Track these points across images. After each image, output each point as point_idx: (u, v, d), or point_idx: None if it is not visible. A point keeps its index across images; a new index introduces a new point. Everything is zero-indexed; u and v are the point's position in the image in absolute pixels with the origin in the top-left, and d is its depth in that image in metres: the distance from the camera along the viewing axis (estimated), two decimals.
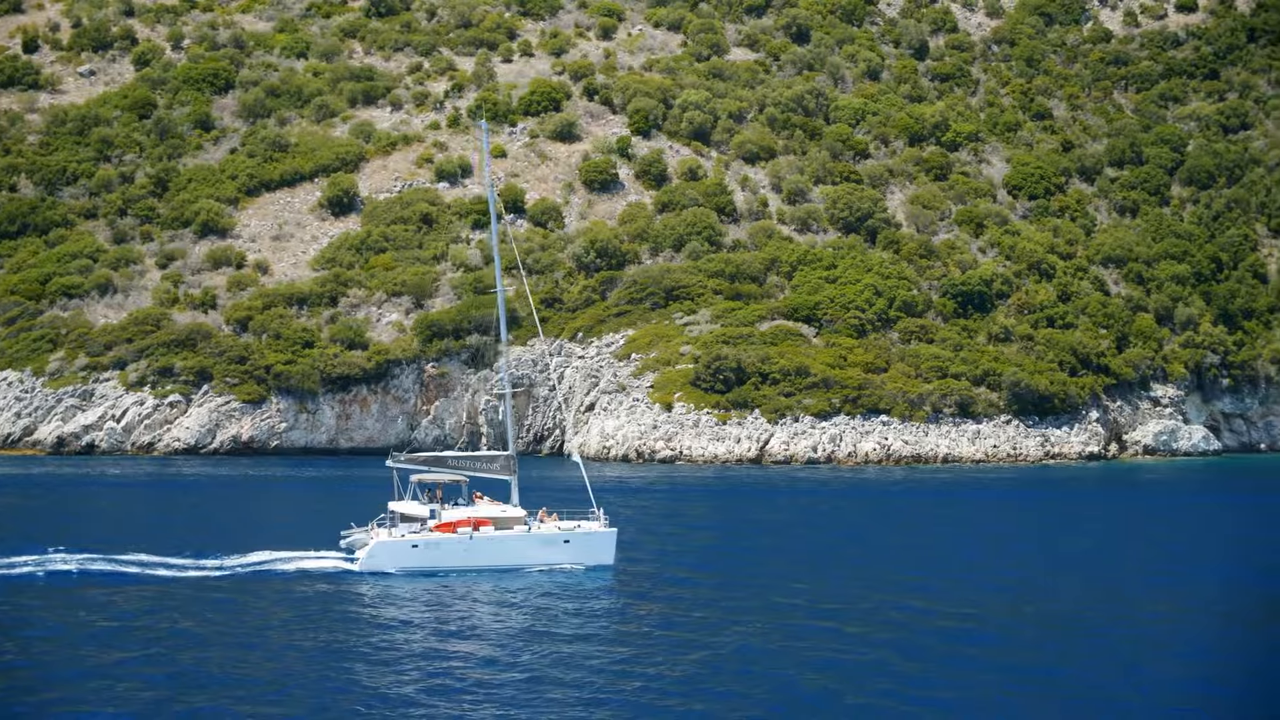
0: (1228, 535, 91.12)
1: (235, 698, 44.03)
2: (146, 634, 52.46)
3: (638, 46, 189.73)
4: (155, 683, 45.42)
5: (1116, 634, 54.69)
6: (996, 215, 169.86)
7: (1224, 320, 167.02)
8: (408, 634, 53.55)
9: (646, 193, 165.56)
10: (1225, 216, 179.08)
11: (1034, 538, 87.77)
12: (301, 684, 45.64)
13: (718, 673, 47.50)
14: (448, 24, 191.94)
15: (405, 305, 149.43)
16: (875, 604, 60.35)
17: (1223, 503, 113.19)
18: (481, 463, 70.88)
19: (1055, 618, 58.43)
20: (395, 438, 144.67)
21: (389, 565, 66.52)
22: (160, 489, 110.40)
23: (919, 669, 48.27)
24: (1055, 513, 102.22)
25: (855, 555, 76.67)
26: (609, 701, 44.01)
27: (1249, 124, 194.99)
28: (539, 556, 67.92)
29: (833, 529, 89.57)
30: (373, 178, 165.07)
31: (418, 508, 68.55)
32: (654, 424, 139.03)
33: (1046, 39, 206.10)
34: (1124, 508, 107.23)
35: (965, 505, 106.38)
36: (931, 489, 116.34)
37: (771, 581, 65.60)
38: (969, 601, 61.18)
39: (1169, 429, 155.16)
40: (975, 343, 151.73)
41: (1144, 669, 49.04)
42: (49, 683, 45.70)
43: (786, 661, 49.16)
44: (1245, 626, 58.56)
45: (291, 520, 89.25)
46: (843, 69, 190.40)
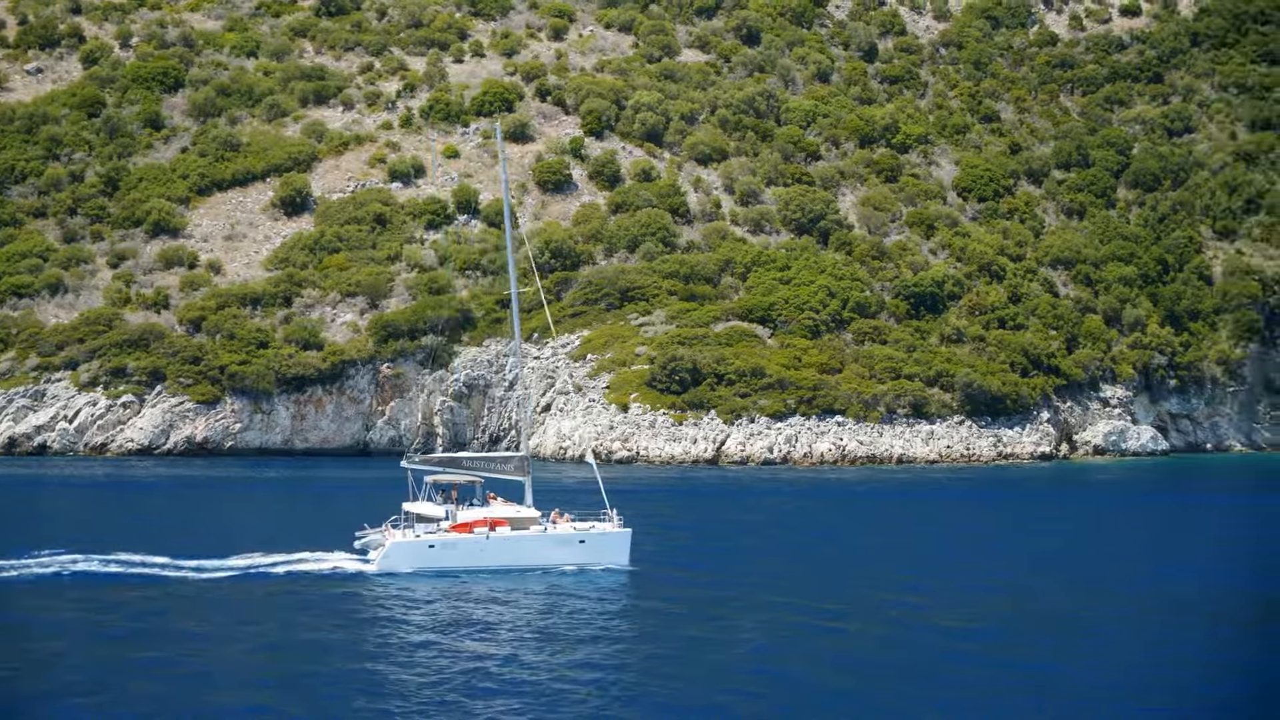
0: (1201, 535, 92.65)
1: (254, 698, 44.27)
2: (159, 636, 52.65)
3: (589, 47, 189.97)
4: (172, 685, 45.57)
5: (1118, 633, 55.86)
6: (947, 217, 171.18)
7: (1171, 321, 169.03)
8: (426, 634, 53.80)
9: (600, 193, 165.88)
10: (1170, 219, 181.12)
11: (1009, 537, 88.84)
12: (321, 684, 46.00)
13: (737, 673, 48.18)
14: (398, 24, 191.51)
15: (360, 306, 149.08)
16: (877, 603, 61.31)
17: (1185, 503, 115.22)
18: (496, 464, 71.26)
19: (1055, 616, 59.56)
20: (351, 439, 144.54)
21: (405, 566, 66.76)
22: (151, 491, 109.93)
23: (932, 668, 49.30)
24: (1026, 512, 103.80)
25: (844, 555, 77.90)
26: (635, 702, 44.54)
27: (1192, 127, 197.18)
28: (554, 557, 68.29)
29: (814, 529, 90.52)
30: (325, 178, 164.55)
31: (432, 508, 68.74)
32: (610, 425, 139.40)
33: (994, 42, 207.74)
34: (1089, 507, 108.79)
35: (934, 505, 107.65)
36: (898, 489, 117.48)
37: (776, 582, 66.45)
38: (967, 601, 62.33)
39: (1118, 429, 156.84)
40: (928, 344, 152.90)
41: (1146, 667, 49.99)
42: (92, 684, 45.87)
43: (803, 661, 50.01)
44: (1235, 625, 59.53)
45: (290, 522, 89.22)
46: (793, 71, 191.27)
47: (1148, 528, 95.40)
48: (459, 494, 70.01)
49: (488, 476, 70.82)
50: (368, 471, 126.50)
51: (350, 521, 70.91)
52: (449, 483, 70.14)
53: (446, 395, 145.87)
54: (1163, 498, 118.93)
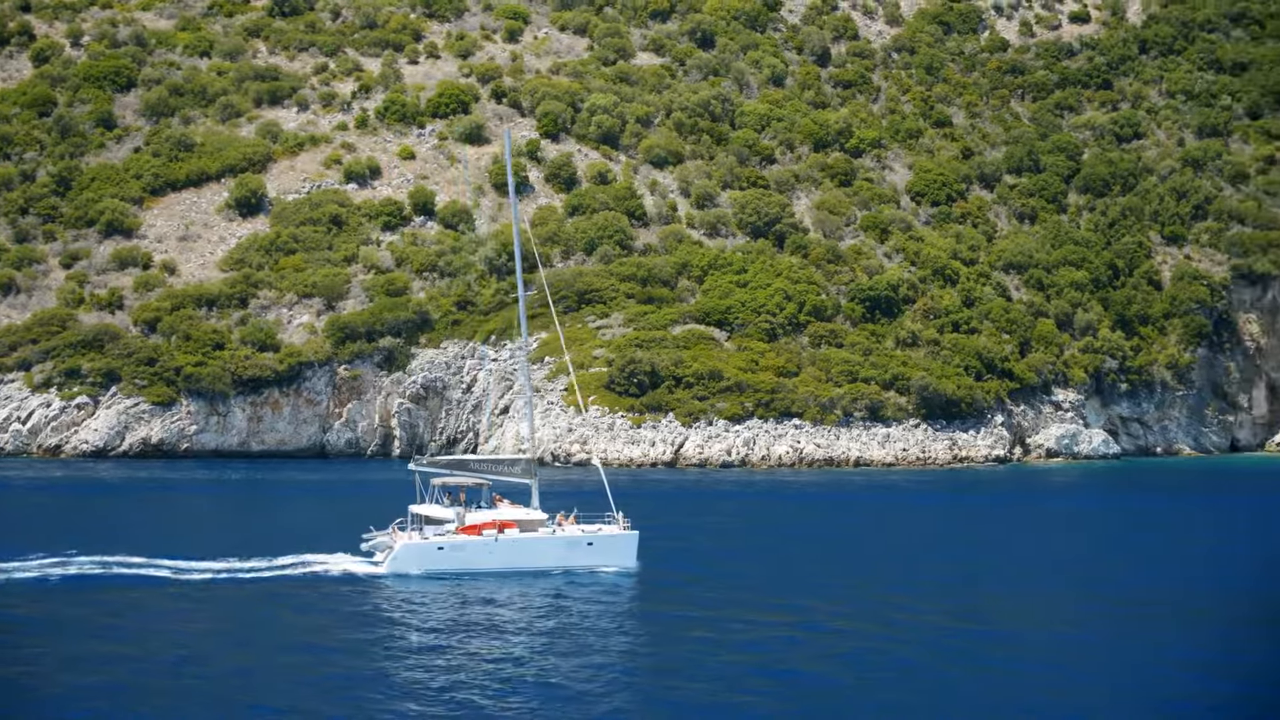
0: (1199, 536, 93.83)
1: (271, 699, 44.61)
2: (176, 637, 52.85)
3: (544, 50, 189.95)
4: (188, 687, 45.82)
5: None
6: (901, 221, 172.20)
7: (1121, 326, 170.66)
8: (441, 636, 54.12)
9: (556, 196, 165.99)
10: (1120, 224, 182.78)
11: (1001, 540, 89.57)
12: (342, 685, 46.34)
13: (748, 673, 48.74)
14: (352, 24, 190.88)
15: (316, 307, 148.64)
16: (897, 605, 62.18)
17: (1170, 505, 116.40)
18: (503, 466, 71.60)
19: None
20: (307, 440, 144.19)
21: (415, 568, 67.10)
22: (128, 493, 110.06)
23: (948, 667, 50.37)
24: (1015, 516, 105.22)
25: (844, 557, 78.77)
26: (655, 701, 45.05)
27: (1141, 133, 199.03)
28: (563, 559, 68.73)
29: (798, 530, 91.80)
30: (280, 178, 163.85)
31: (440, 510, 68.96)
32: (569, 427, 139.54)
33: (945, 47, 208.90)
34: (1075, 510, 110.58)
35: (917, 509, 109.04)
36: (870, 491, 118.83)
37: (780, 582, 67.29)
38: (958, 600, 62.98)
39: (1071, 432, 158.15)
40: (884, 347, 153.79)
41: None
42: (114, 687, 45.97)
43: (816, 661, 50.67)
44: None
45: (288, 523, 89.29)
46: (747, 75, 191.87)
47: (1155, 530, 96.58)
48: (466, 496, 70.25)
49: (494, 479, 71.14)
50: (330, 474, 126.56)
51: (339, 523, 71.15)
52: (457, 485, 70.37)
53: (404, 397, 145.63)
54: (1151, 500, 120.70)
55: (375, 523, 71.36)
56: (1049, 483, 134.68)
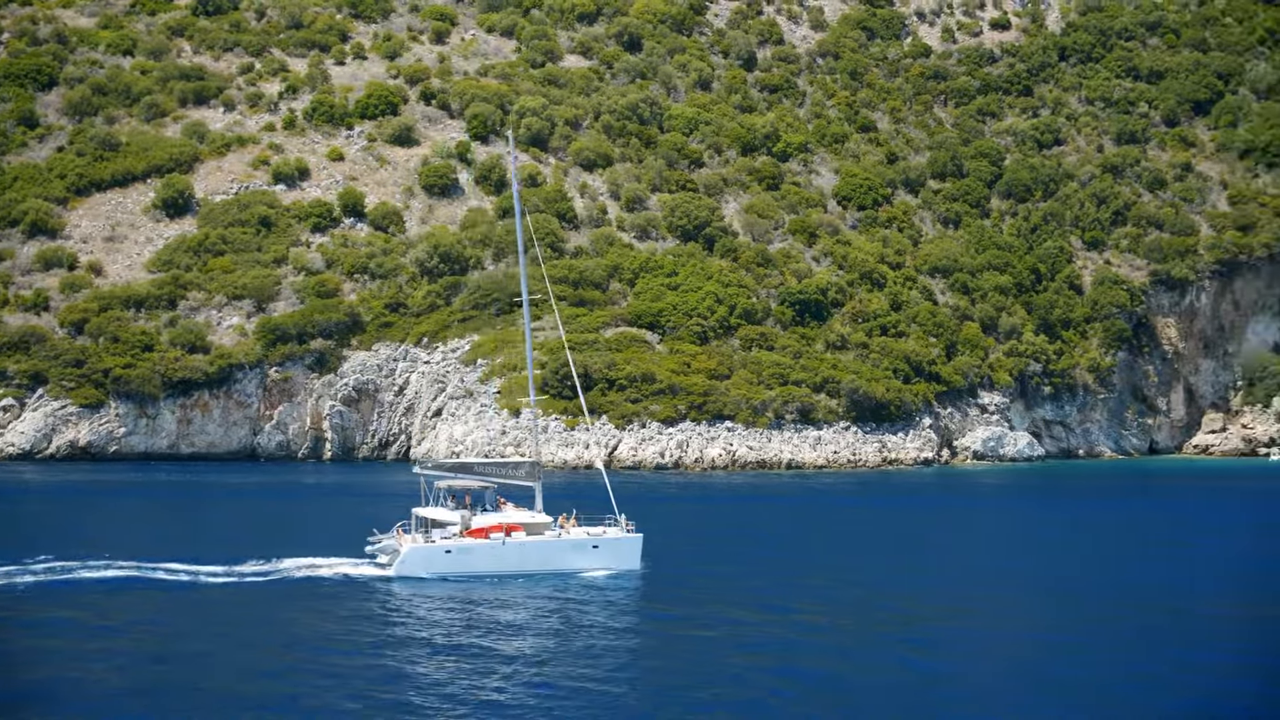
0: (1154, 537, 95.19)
1: (284, 700, 44.92)
2: (189, 638, 53.07)
3: (472, 51, 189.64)
4: (203, 689, 45.93)
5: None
6: (828, 225, 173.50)
7: (1044, 330, 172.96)
8: (449, 639, 54.38)
9: (487, 198, 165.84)
10: (1042, 229, 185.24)
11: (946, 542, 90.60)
12: (351, 687, 46.57)
13: (758, 671, 49.45)
14: (278, 24, 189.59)
15: (246, 309, 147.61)
16: (896, 605, 63.29)
17: (1113, 506, 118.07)
18: (507, 469, 71.78)
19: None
20: (238, 443, 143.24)
21: (423, 570, 67.15)
22: (111, 496, 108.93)
23: (947, 662, 51.45)
24: (976, 519, 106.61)
25: (843, 557, 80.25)
26: (670, 701, 45.55)
27: (1062, 140, 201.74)
28: (569, 562, 69.00)
29: (801, 532, 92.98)
30: (208, 179, 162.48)
31: (444, 513, 69.05)
32: (503, 429, 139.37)
33: (869, 53, 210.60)
34: (1026, 513, 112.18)
35: (866, 509, 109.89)
36: (812, 494, 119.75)
37: (783, 583, 68.25)
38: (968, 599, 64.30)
39: (996, 435, 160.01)
40: (814, 350, 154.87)
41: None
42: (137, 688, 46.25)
43: (824, 660, 51.39)
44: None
45: (280, 525, 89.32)
46: (675, 78, 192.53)
47: (1099, 531, 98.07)
48: (471, 499, 70.43)
49: (498, 482, 71.32)
50: (269, 476, 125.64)
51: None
52: (464, 488, 70.47)
53: (336, 400, 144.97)
54: (1090, 502, 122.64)
55: (377, 525, 71.89)
56: (988, 486, 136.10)
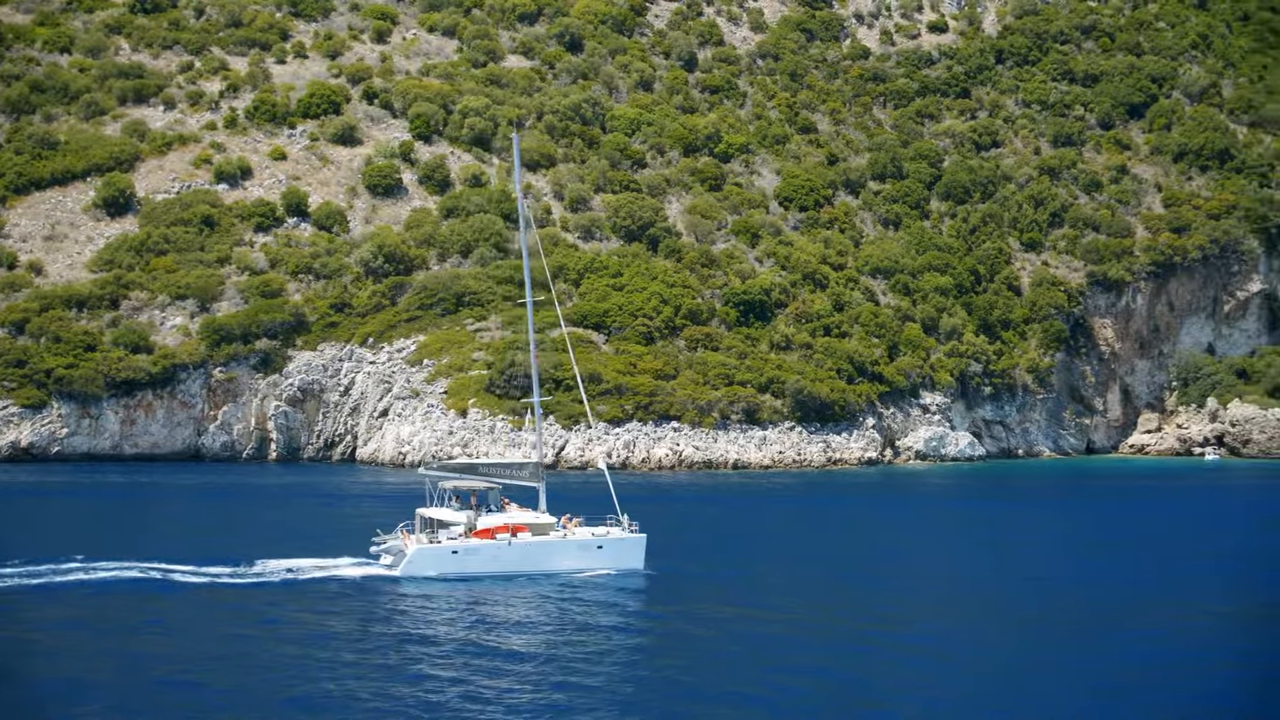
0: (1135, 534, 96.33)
1: (298, 698, 45.31)
2: (201, 639, 53.28)
3: (413, 51, 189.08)
4: (217, 690, 46.19)
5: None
6: (770, 226, 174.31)
7: (984, 330, 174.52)
8: (461, 637, 54.85)
9: (430, 198, 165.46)
10: (981, 230, 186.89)
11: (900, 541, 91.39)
12: (365, 686, 46.91)
13: (770, 670, 50.38)
14: (217, 23, 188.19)
15: (190, 309, 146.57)
16: (895, 604, 64.57)
17: (1078, 505, 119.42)
18: (512, 470, 72.09)
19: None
20: (182, 443, 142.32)
21: (430, 571, 67.46)
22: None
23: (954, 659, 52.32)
24: (944, 518, 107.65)
25: (842, 557, 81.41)
26: (684, 696, 46.45)
27: (999, 142, 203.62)
28: (574, 562, 69.45)
29: (794, 531, 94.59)
30: (149, 178, 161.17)
31: (449, 513, 69.16)
32: (450, 430, 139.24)
33: (809, 54, 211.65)
34: (995, 512, 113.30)
35: (838, 509, 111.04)
36: (779, 495, 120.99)
37: (785, 582, 69.67)
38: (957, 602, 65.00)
39: (938, 435, 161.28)
40: (758, 350, 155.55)
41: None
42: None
43: (830, 658, 52.27)
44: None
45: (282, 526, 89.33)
46: (616, 79, 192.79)
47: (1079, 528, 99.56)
48: (476, 500, 70.69)
49: (502, 482, 71.60)
50: (223, 477, 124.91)
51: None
52: (469, 489, 70.62)
53: (280, 400, 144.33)
54: (1061, 501, 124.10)
55: (388, 526, 72.22)
56: (948, 486, 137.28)
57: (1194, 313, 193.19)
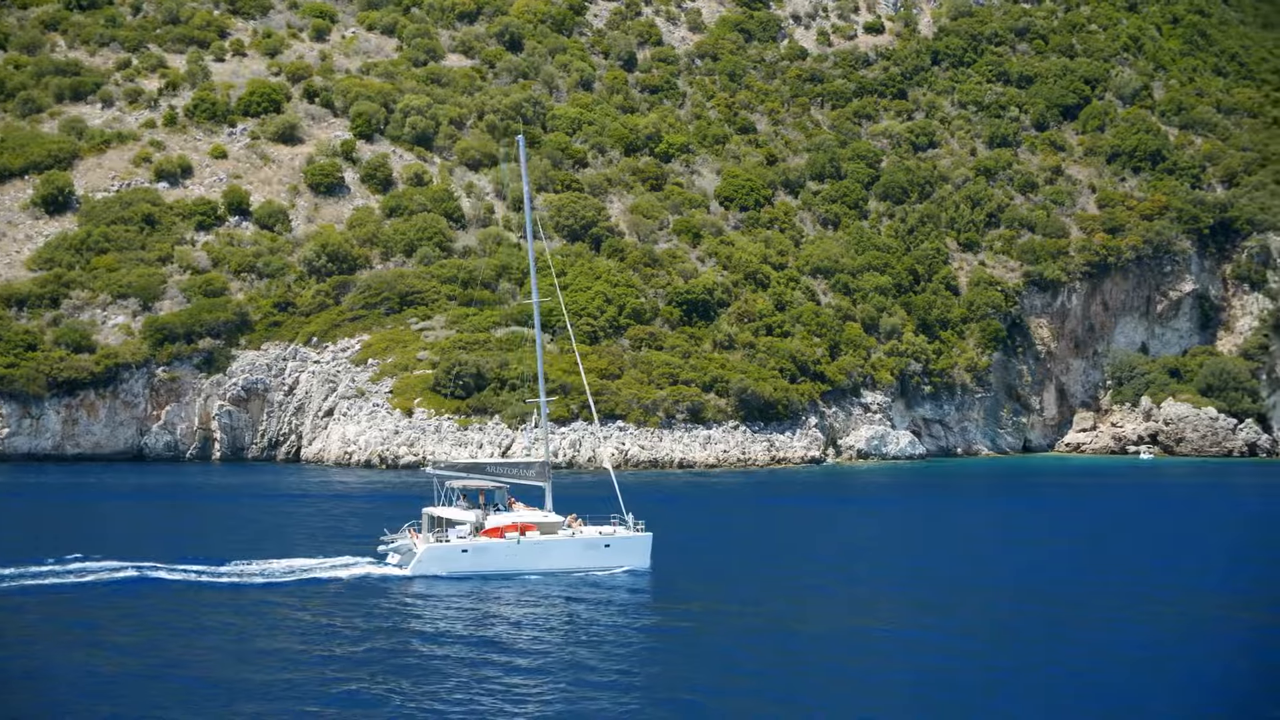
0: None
1: (314, 696, 45.56)
2: (213, 638, 53.33)
3: (353, 49, 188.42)
4: (230, 689, 46.28)
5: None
6: (712, 226, 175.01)
7: (923, 330, 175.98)
8: (476, 635, 55.11)
9: (373, 197, 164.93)
10: (919, 230, 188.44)
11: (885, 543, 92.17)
12: (385, 682, 47.25)
13: (765, 664, 51.04)
14: (154, 20, 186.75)
15: (132, 308, 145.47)
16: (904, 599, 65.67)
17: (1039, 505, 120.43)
18: (518, 469, 72.53)
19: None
20: (125, 443, 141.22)
21: (440, 569, 67.71)
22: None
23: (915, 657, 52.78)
24: (915, 517, 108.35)
25: (840, 555, 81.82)
26: (697, 691, 47.02)
27: (936, 143, 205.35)
28: (582, 560, 69.90)
29: (788, 529, 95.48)
30: (88, 176, 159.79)
31: (457, 512, 69.46)
32: (396, 429, 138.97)
33: (747, 55, 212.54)
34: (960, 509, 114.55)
35: (803, 509, 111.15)
36: (736, 493, 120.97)
37: (786, 580, 70.11)
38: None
39: (879, 434, 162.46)
40: (702, 350, 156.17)
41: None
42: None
43: (836, 655, 52.93)
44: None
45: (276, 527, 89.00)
46: (556, 78, 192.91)
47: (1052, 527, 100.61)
48: (485, 499, 70.96)
49: (509, 482, 71.99)
50: (171, 477, 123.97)
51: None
52: (478, 488, 70.88)
53: (224, 400, 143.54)
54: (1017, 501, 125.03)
55: (394, 526, 72.58)
56: (897, 485, 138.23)
57: (1128, 312, 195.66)
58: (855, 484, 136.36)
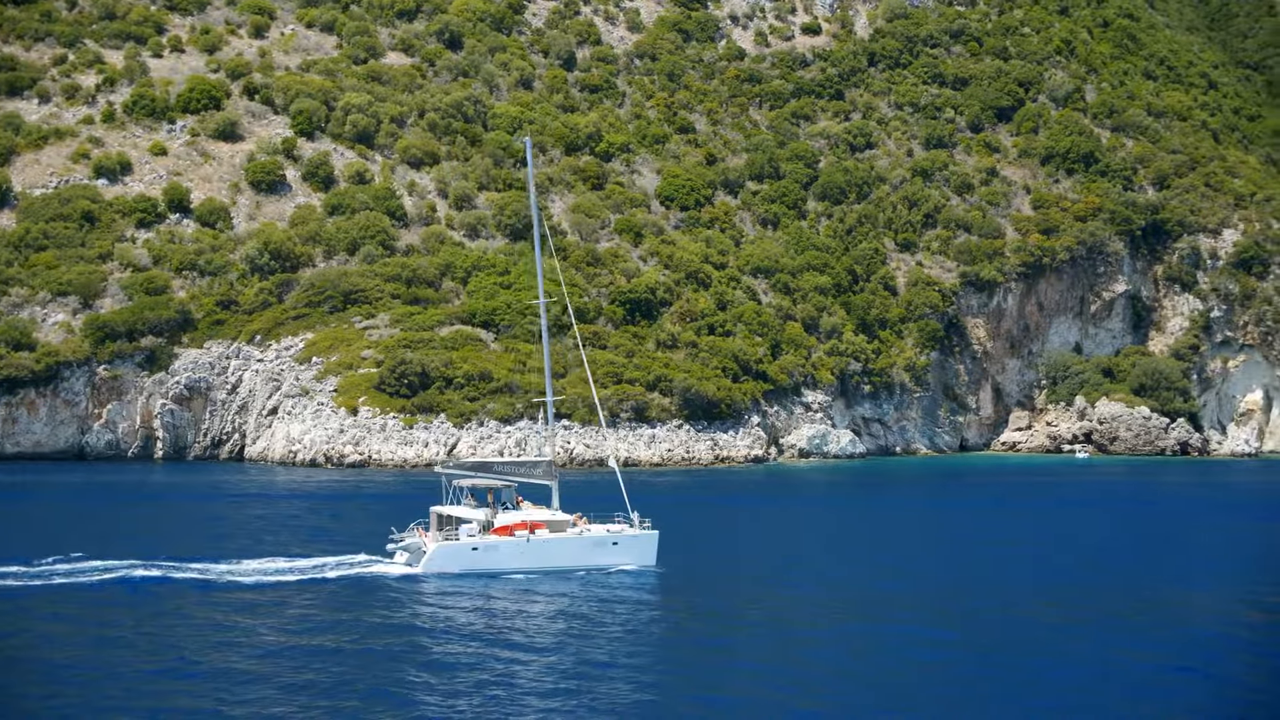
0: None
1: (331, 691, 45.70)
2: (225, 637, 53.20)
3: (292, 46, 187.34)
4: (226, 688, 46.17)
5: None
6: (653, 225, 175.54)
7: (863, 330, 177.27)
8: (490, 632, 55.39)
9: (315, 195, 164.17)
10: (857, 231, 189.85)
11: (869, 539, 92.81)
12: (399, 679, 47.48)
13: (776, 659, 51.61)
14: (90, 15, 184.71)
15: (73, 305, 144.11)
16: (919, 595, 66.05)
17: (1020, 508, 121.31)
18: (525, 468, 72.91)
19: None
20: (65, 442, 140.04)
21: (451, 567, 67.99)
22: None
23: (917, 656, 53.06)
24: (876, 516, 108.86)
25: (819, 554, 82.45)
26: (706, 684, 47.82)
27: (873, 143, 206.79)
28: (590, 558, 70.28)
29: (783, 527, 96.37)
30: (25, 172, 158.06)
31: (465, 511, 69.68)
32: (341, 428, 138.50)
33: (685, 55, 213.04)
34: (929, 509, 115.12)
35: (778, 506, 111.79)
36: (690, 491, 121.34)
37: (786, 577, 70.81)
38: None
39: (820, 433, 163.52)
40: (645, 349, 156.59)
41: None
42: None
43: (841, 651, 53.38)
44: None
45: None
46: (497, 77, 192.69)
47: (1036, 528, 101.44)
48: (494, 497, 71.17)
49: (516, 480, 72.31)
50: (121, 476, 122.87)
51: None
52: (486, 487, 71.01)
53: (167, 398, 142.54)
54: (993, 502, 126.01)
55: (401, 525, 72.81)
56: (849, 485, 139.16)
57: (1062, 313, 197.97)
58: (802, 483, 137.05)
